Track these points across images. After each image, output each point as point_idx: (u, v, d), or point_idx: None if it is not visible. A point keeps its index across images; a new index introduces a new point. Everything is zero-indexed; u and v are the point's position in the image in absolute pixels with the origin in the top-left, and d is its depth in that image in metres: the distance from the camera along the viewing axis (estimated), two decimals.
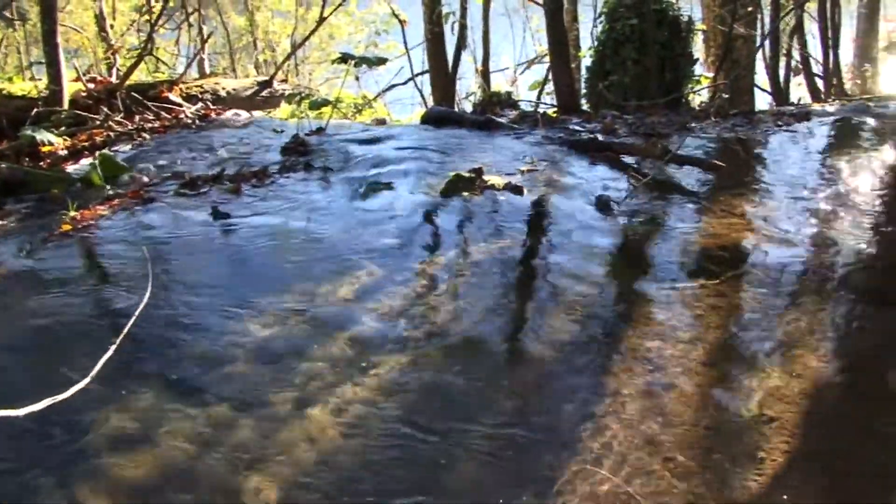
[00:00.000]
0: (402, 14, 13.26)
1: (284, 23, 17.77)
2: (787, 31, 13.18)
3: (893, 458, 2.96)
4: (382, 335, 3.62)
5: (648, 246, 4.71)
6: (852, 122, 7.66)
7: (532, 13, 15.34)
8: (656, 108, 8.20)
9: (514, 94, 11.67)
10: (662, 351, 3.57)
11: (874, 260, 4.58)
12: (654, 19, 8.96)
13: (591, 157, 6.19)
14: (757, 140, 7.02)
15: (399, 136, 6.85)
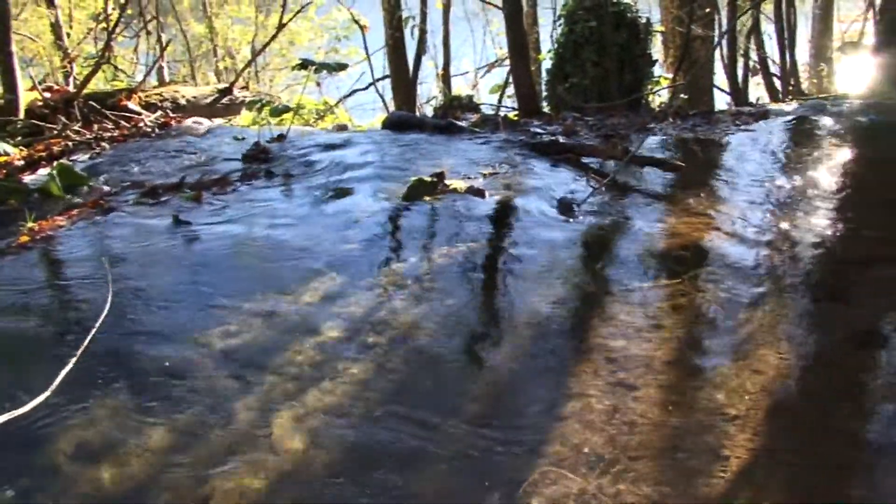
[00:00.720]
0: (362, 19, 13.26)
1: (244, 29, 17.70)
2: (745, 31, 13.32)
3: (851, 451, 2.99)
4: (347, 341, 3.61)
5: (611, 246, 4.73)
6: (809, 120, 7.75)
7: (492, 17, 15.38)
8: (616, 109, 8.25)
9: (475, 97, 11.71)
10: (626, 350, 3.59)
11: (833, 257, 4.63)
12: (613, 21, 9.03)
13: (553, 160, 6.21)
14: (716, 140, 7.08)
15: (360, 141, 6.84)
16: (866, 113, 7.98)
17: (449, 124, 7.27)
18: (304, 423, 3.05)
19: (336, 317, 3.81)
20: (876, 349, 3.68)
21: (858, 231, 4.99)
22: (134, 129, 8.17)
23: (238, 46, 18.01)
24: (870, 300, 4.13)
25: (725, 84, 12.62)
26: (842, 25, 17.41)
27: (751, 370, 3.46)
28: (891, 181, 6.16)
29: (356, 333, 3.68)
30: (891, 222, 5.16)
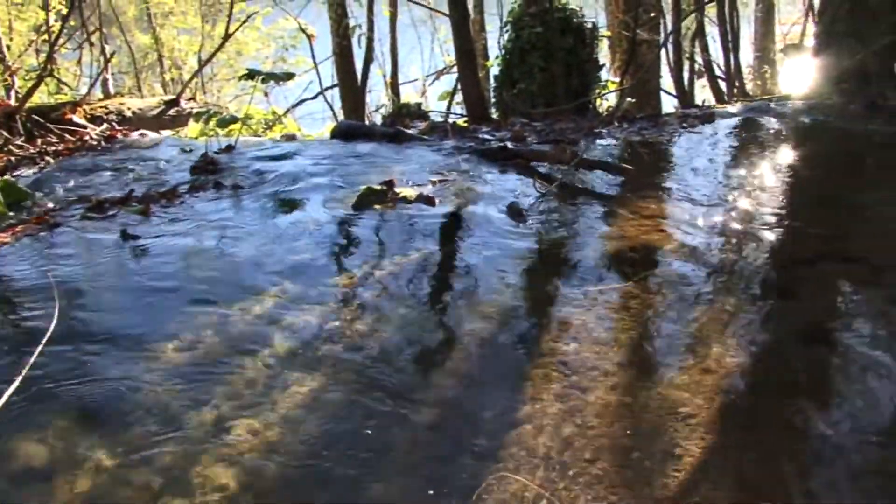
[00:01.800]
0: (309, 28, 13.20)
1: (191, 40, 17.55)
2: (689, 35, 13.49)
3: (801, 445, 3.05)
4: (299, 353, 3.58)
5: (561, 251, 4.75)
6: (754, 121, 7.87)
7: (439, 24, 15.41)
8: (564, 114, 8.30)
9: (423, 105, 11.72)
10: (579, 354, 3.60)
11: (780, 255, 4.70)
12: (559, 27, 9.08)
13: (502, 166, 6.23)
14: (663, 142, 7.16)
15: (309, 151, 6.81)
16: (808, 113, 8.11)
17: (397, 132, 7.26)
18: (257, 437, 3.02)
19: (288, 328, 3.78)
20: (823, 344, 3.75)
21: (804, 229, 5.07)
22: (79, 142, 8.05)
23: (185, 57, 17.85)
24: (817, 296, 4.21)
25: (672, 87, 12.76)
26: (783, 28, 17.71)
27: (702, 369, 3.49)
28: (833, 179, 6.27)
29: (308, 344, 3.65)
30: (835, 220, 5.25)
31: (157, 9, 17.61)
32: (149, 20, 17.84)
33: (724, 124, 7.79)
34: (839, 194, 5.83)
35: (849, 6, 8.69)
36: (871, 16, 8.48)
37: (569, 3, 9.81)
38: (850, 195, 5.80)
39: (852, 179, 6.32)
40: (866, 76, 8.36)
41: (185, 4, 18.01)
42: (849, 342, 3.73)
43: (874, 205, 5.50)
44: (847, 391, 3.38)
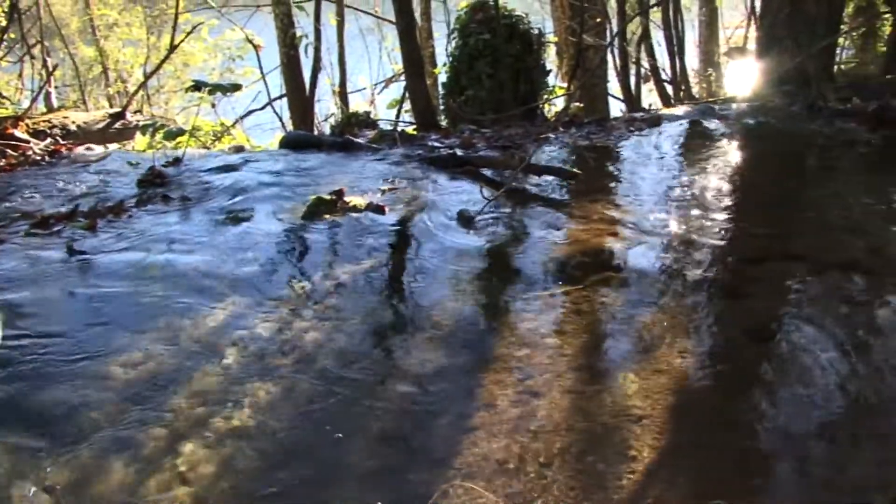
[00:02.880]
0: (256, 39, 13.11)
1: (136, 52, 17.32)
2: (635, 40, 13.62)
3: (751, 443, 3.10)
4: (251, 365, 3.56)
5: (512, 256, 4.77)
6: (700, 124, 7.97)
7: (386, 32, 15.38)
8: (513, 119, 8.32)
9: (372, 113, 11.69)
10: (531, 359, 3.63)
11: (728, 255, 4.77)
12: (506, 34, 9.12)
13: (451, 173, 6.24)
14: (612, 146, 7.22)
15: (258, 162, 6.76)
16: (752, 115, 8.24)
17: (346, 141, 7.23)
18: (212, 451, 3.00)
19: (240, 341, 3.76)
20: (771, 342, 3.81)
21: (750, 229, 5.15)
22: (22, 157, 7.90)
23: (130, 69, 17.62)
24: (764, 296, 4.28)
25: (619, 91, 12.88)
26: (726, 32, 17.95)
27: (654, 370, 3.53)
28: (778, 180, 6.38)
29: (261, 356, 3.63)
30: (780, 220, 5.34)
31: (101, 21, 17.37)
32: (92, 32, 17.60)
33: (671, 127, 7.88)
34: (783, 194, 5.94)
35: (788, 11, 8.85)
36: (809, 20, 8.63)
37: (515, 10, 9.86)
38: (793, 194, 5.90)
39: (795, 179, 6.43)
40: (806, 78, 8.51)
41: (129, 16, 17.79)
42: (796, 339, 3.81)
43: (817, 203, 5.62)
44: (795, 387, 3.43)
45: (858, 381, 3.45)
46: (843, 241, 4.93)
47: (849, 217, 5.32)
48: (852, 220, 5.25)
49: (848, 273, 4.46)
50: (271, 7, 11.57)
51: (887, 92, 8.43)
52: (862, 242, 4.89)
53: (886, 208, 5.46)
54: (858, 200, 5.64)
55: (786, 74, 8.65)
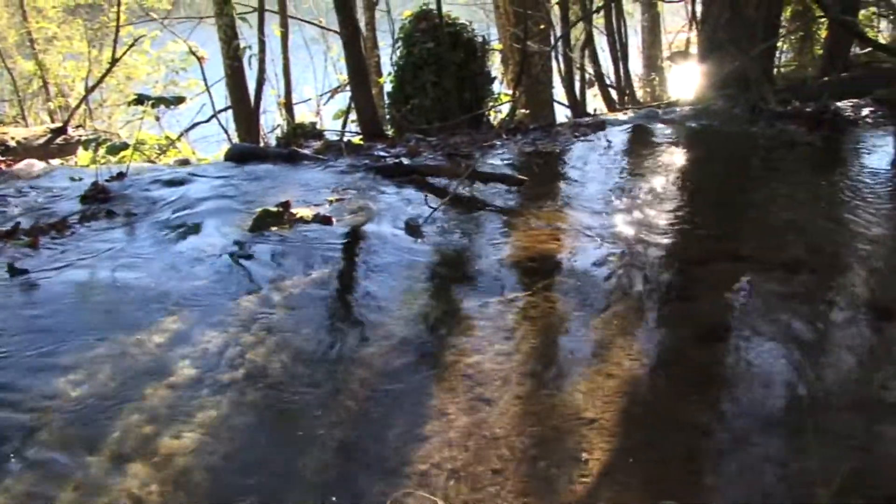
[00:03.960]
0: (199, 51, 13.00)
1: (77, 65, 17.06)
2: (579, 45, 13.73)
3: (702, 442, 3.14)
4: (201, 380, 3.52)
5: (460, 264, 4.78)
6: (644, 128, 8.05)
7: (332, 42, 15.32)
8: (458, 127, 8.34)
9: (318, 124, 11.64)
10: (482, 365, 3.64)
11: (675, 257, 4.81)
12: (450, 42, 9.14)
13: (398, 182, 6.24)
14: (557, 152, 7.26)
15: (204, 175, 6.70)
16: (695, 118, 8.34)
17: (292, 153, 7.20)
18: (161, 470, 2.96)
19: (189, 356, 3.72)
20: (719, 342, 3.87)
21: (696, 231, 5.21)
22: None
23: (72, 83, 17.34)
24: (711, 296, 4.33)
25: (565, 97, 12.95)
26: (669, 36, 18.15)
27: (604, 374, 3.56)
28: (722, 182, 6.46)
29: (210, 371, 3.60)
30: (724, 221, 5.42)
31: (40, 34, 17.08)
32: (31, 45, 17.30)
33: (616, 132, 7.95)
34: (727, 195, 6.02)
35: (728, 16, 8.98)
36: (748, 24, 8.77)
37: (459, 19, 9.89)
38: (737, 196, 5.99)
39: (739, 181, 6.52)
40: (747, 81, 8.64)
41: (69, 29, 17.52)
42: (743, 339, 3.86)
43: (760, 204, 5.70)
44: (743, 386, 3.48)
45: (804, 378, 3.51)
46: (787, 240, 5.01)
47: (792, 217, 5.40)
48: (795, 220, 5.34)
49: (792, 272, 4.53)
50: (214, 19, 11.47)
51: (825, 94, 8.60)
52: (805, 242, 4.98)
53: (828, 208, 5.56)
54: (800, 200, 5.74)
55: (727, 78, 8.77)
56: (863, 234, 5.05)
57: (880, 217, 5.36)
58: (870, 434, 3.14)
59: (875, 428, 3.19)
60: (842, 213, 5.45)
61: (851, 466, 2.87)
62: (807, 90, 9.29)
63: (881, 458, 3.00)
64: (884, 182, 6.24)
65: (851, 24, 8.31)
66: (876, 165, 6.72)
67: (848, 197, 5.78)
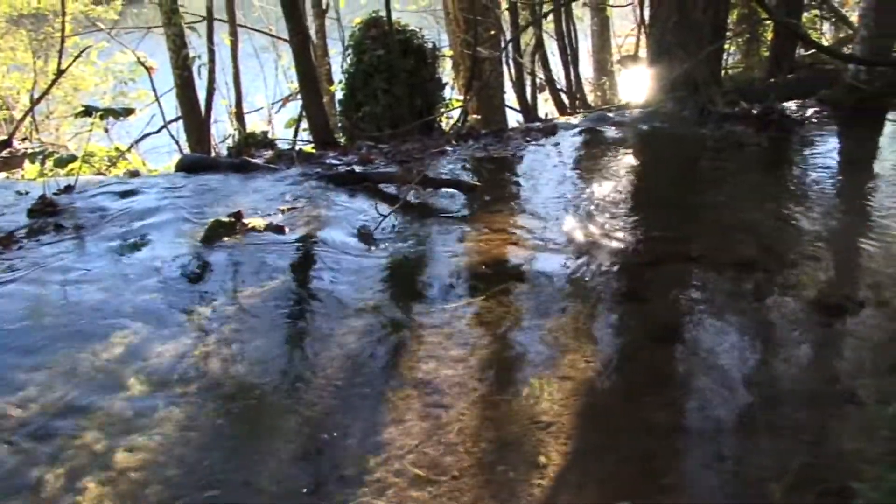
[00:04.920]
0: (148, 61, 12.90)
1: (22, 77, 16.81)
2: (529, 51, 13.81)
3: (658, 442, 3.15)
4: (154, 394, 3.49)
5: (414, 271, 4.78)
6: (595, 131, 8.11)
7: (282, 51, 15.26)
8: (410, 134, 8.34)
9: (270, 133, 11.58)
10: (438, 372, 3.64)
11: (627, 259, 4.85)
12: (400, 49, 9.14)
13: (350, 190, 6.22)
14: (509, 157, 7.28)
15: (155, 186, 6.63)
16: (645, 121, 8.41)
17: (243, 162, 7.15)
18: (115, 488, 2.92)
19: (141, 370, 3.68)
20: (672, 343, 3.89)
21: (648, 233, 5.25)
22: None
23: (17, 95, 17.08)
24: (663, 297, 4.36)
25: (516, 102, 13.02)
26: (618, 40, 18.31)
27: (560, 377, 3.57)
28: (672, 183, 6.53)
29: (164, 384, 3.56)
30: (675, 222, 5.46)
31: None
32: None
33: (567, 136, 7.99)
34: (678, 197, 6.08)
35: (676, 19, 9.06)
36: (695, 28, 8.87)
37: (409, 25, 9.90)
38: (688, 197, 6.05)
39: (689, 182, 6.60)
40: (695, 84, 8.74)
41: (13, 40, 17.27)
42: (696, 339, 3.90)
43: (710, 205, 5.77)
44: (697, 386, 3.51)
45: (756, 376, 3.56)
46: (738, 240, 5.07)
47: (742, 217, 5.46)
48: (745, 220, 5.40)
49: (743, 272, 4.59)
50: (163, 28, 11.38)
51: (771, 95, 8.73)
52: (755, 241, 5.03)
53: (776, 207, 5.63)
54: (750, 200, 5.81)
55: (676, 80, 8.86)
56: (811, 233, 5.13)
57: (828, 215, 5.45)
58: (821, 428, 3.19)
59: (826, 422, 3.24)
60: (790, 212, 5.53)
61: (803, 461, 2.91)
62: (754, 92, 9.42)
63: (832, 451, 3.04)
64: (830, 180, 6.36)
65: (795, 27, 8.44)
66: (822, 164, 6.83)
67: (796, 196, 5.87)
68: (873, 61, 8.24)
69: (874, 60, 8.20)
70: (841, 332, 3.98)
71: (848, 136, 7.78)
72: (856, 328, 3.99)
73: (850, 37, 10.74)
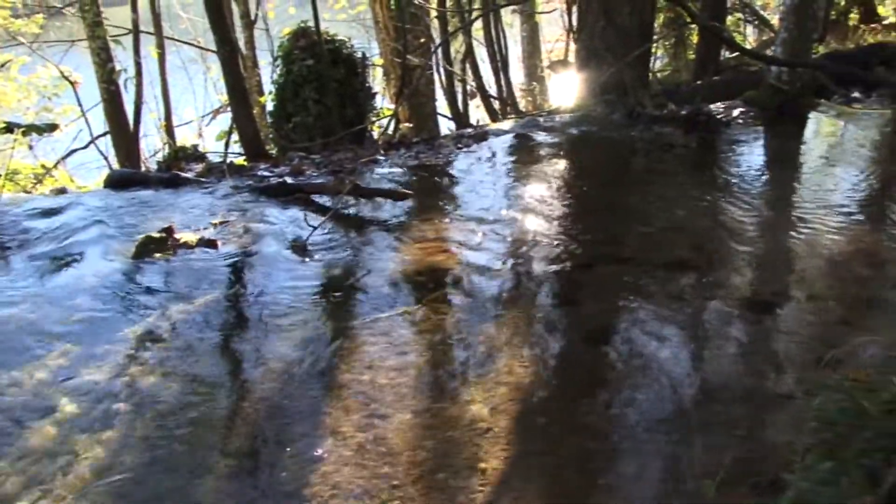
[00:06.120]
0: (73, 75, 12.65)
1: None
2: (459, 58, 13.84)
3: (595, 444, 3.19)
4: (87, 414, 3.43)
5: (349, 281, 4.76)
6: (526, 136, 8.16)
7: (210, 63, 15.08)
8: (342, 144, 8.31)
9: (201, 146, 11.44)
10: (375, 381, 3.64)
11: (560, 262, 4.89)
12: (329, 59, 9.10)
13: (283, 202, 6.17)
14: (441, 164, 7.29)
15: (83, 203, 6.50)
16: (576, 125, 8.49)
17: (174, 177, 7.05)
18: None
19: (73, 391, 3.61)
20: (606, 344, 3.94)
21: (580, 236, 5.30)
22: None
23: None
24: (597, 299, 4.42)
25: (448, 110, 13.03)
26: (548, 45, 18.44)
27: (497, 382, 3.59)
28: (603, 186, 6.60)
29: (97, 405, 3.50)
30: (606, 224, 5.54)
31: None
32: None
33: (498, 142, 8.03)
34: (609, 199, 6.15)
35: (603, 24, 9.16)
36: (622, 32, 8.98)
37: (338, 35, 9.86)
38: (619, 199, 6.12)
39: (620, 184, 6.68)
40: (624, 87, 8.85)
41: None
42: (630, 339, 3.95)
43: (641, 206, 5.85)
44: (633, 386, 3.56)
45: (689, 374, 3.62)
46: (668, 241, 5.15)
47: (672, 217, 5.55)
48: (675, 221, 5.49)
49: (674, 272, 4.66)
50: (87, 42, 11.18)
51: (698, 97, 8.88)
52: (685, 241, 5.12)
53: (705, 206, 5.74)
54: (679, 201, 5.90)
55: (605, 84, 8.96)
56: (740, 231, 5.24)
57: (755, 213, 5.57)
58: (753, 422, 3.26)
59: (758, 416, 3.31)
60: (719, 211, 5.64)
61: (736, 455, 2.96)
62: (681, 94, 9.59)
63: (764, 444, 3.11)
64: (756, 179, 6.49)
65: (718, 30, 8.60)
66: (748, 163, 6.98)
67: (724, 195, 5.98)
68: (793, 63, 8.43)
69: (794, 62, 8.39)
70: (770, 327, 4.07)
71: (772, 135, 7.97)
72: (784, 324, 4.08)
73: (772, 39, 10.95)
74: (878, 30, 13.75)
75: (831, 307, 4.18)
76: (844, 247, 4.95)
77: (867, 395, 2.70)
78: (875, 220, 5.43)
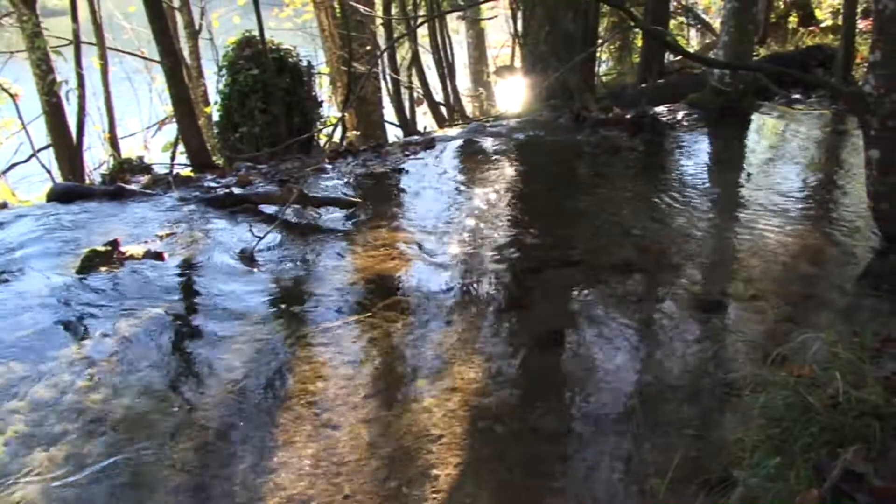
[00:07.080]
0: (12, 87, 12.44)
1: None
2: (406, 65, 13.86)
3: (547, 448, 3.21)
4: (32, 435, 3.35)
5: (298, 290, 4.74)
6: (473, 142, 8.18)
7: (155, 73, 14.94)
8: (289, 153, 8.27)
9: (147, 158, 11.30)
10: (327, 391, 3.63)
11: (509, 267, 4.92)
12: (275, 67, 9.06)
13: (230, 212, 6.12)
14: (388, 172, 7.28)
15: (24, 217, 6.39)
16: (522, 129, 8.53)
17: (119, 189, 6.96)
18: None
19: (17, 410, 3.53)
20: (557, 347, 3.98)
21: (528, 240, 5.33)
22: None
23: None
24: (546, 303, 4.45)
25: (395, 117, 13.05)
26: (494, 51, 18.54)
27: (449, 389, 3.60)
28: (551, 190, 6.64)
29: (42, 424, 3.43)
30: (554, 228, 5.57)
31: None
32: None
33: (445, 148, 8.04)
34: (557, 203, 6.19)
35: (548, 29, 9.26)
36: (567, 37, 9.07)
37: (283, 44, 9.82)
38: (566, 202, 6.16)
39: (567, 187, 6.72)
40: (570, 91, 8.93)
41: None
42: (579, 343, 3.99)
43: (589, 209, 5.90)
44: (583, 389, 3.60)
45: (639, 375, 3.67)
46: (616, 243, 5.21)
47: (619, 220, 5.61)
48: (623, 223, 5.54)
49: (622, 274, 4.71)
50: (27, 53, 11.02)
51: (643, 99, 8.98)
52: (633, 243, 5.18)
53: (652, 209, 5.79)
54: (626, 203, 5.97)
55: (551, 89, 9.05)
56: (686, 232, 5.30)
57: (701, 214, 5.64)
58: (702, 421, 3.30)
59: (707, 415, 3.35)
60: (666, 213, 5.70)
61: (686, 454, 2.99)
62: (626, 97, 9.70)
63: (713, 442, 3.15)
64: (701, 180, 6.58)
65: (660, 34, 8.68)
66: (693, 165, 7.08)
67: (670, 197, 6.05)
68: (735, 65, 8.56)
69: (735, 64, 8.52)
70: (718, 326, 4.12)
71: (716, 136, 8.09)
72: (731, 322, 4.14)
73: (715, 42, 11.12)
74: (816, 32, 14.07)
75: (777, 305, 4.25)
76: (789, 246, 5.03)
77: (812, 390, 2.75)
78: (818, 219, 5.53)
